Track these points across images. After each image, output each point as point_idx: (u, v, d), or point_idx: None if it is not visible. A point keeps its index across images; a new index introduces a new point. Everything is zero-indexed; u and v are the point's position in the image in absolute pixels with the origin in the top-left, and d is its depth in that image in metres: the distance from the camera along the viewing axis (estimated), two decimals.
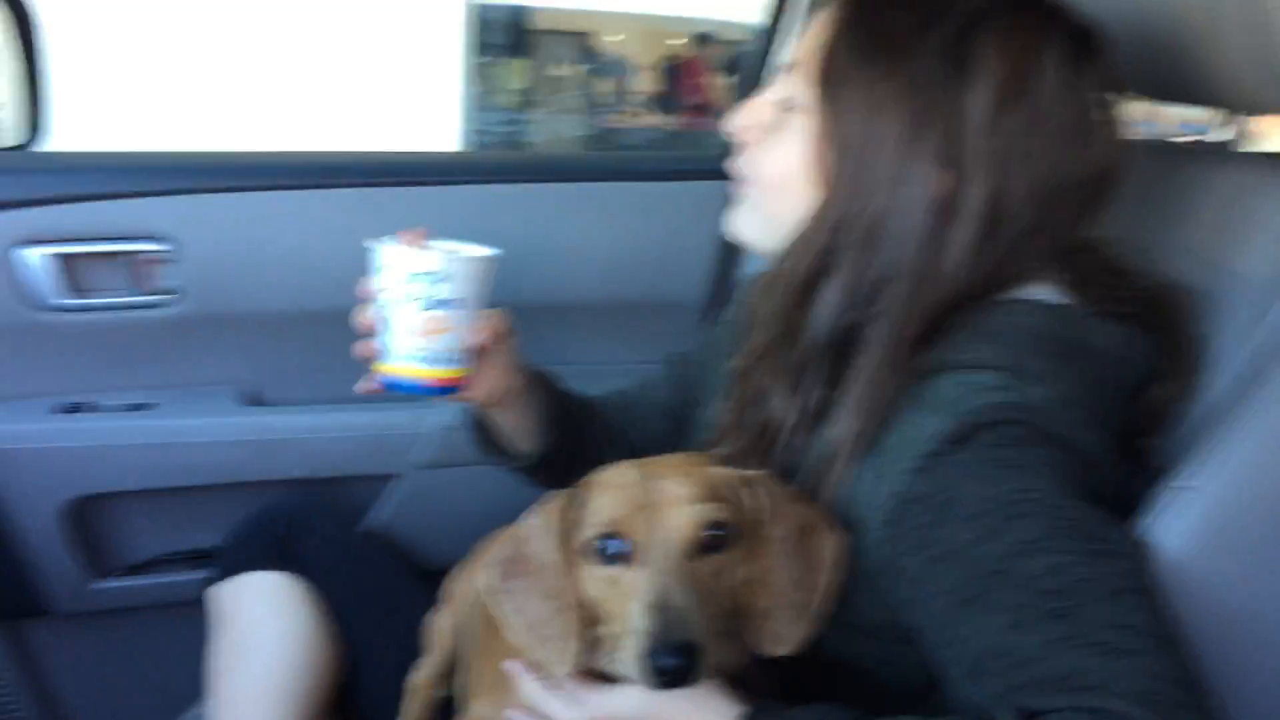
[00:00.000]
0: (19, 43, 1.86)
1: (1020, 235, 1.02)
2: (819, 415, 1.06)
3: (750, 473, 1.04)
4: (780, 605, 0.99)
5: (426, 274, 1.12)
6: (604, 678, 1.02)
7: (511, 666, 1.09)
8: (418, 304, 1.13)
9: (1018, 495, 0.90)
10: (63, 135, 2.04)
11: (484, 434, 1.38)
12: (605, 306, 1.96)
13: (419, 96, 8.76)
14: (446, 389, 1.18)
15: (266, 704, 1.40)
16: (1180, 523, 1.00)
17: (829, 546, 1.01)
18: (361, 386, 1.20)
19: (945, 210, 1.00)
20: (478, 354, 1.20)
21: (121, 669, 1.90)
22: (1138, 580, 0.89)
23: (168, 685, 1.75)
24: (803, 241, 1.06)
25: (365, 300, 1.19)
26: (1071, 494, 0.91)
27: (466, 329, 1.16)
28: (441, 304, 1.13)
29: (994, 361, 0.98)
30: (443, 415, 1.82)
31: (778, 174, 1.10)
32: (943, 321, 1.02)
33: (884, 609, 1.01)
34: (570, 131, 11.40)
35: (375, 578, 1.63)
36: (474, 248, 1.20)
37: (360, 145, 2.03)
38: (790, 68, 1.11)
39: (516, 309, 1.81)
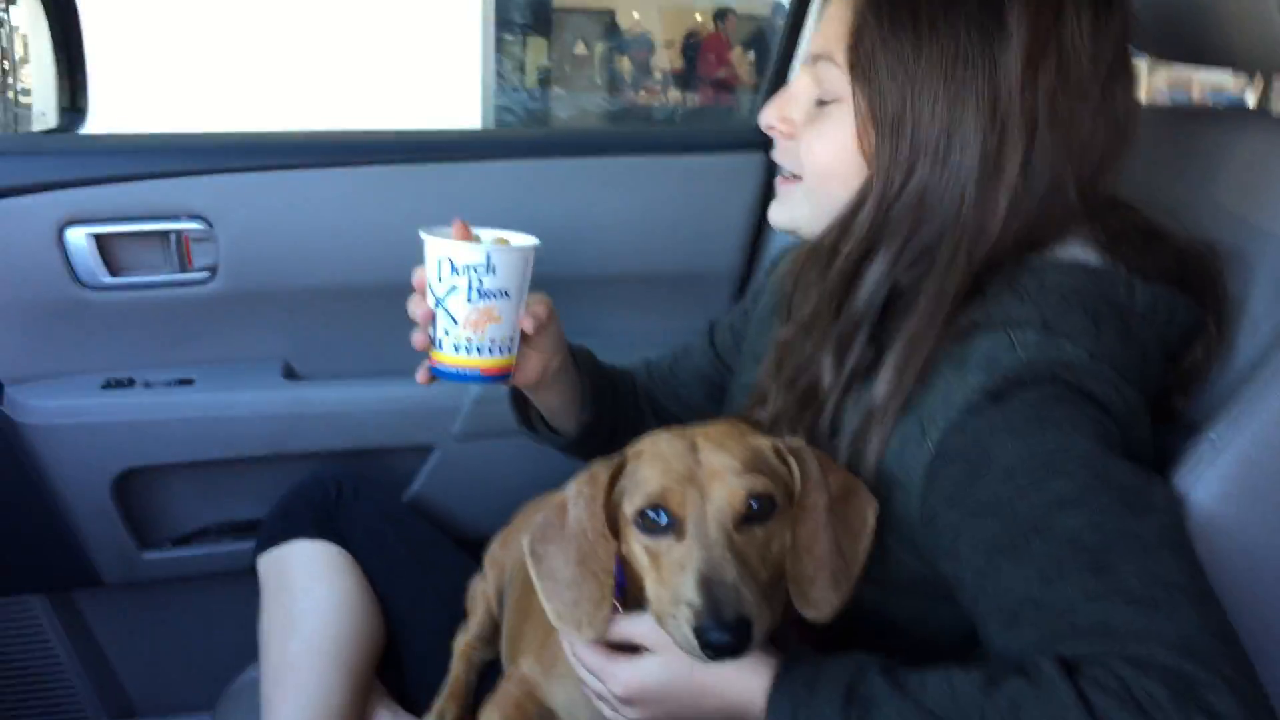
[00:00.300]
0: (59, 27, 1.90)
1: (1054, 190, 1.03)
2: (862, 377, 1.08)
3: (791, 441, 1.06)
4: (821, 571, 1.00)
5: (472, 266, 1.15)
6: (624, 648, 1.04)
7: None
8: (465, 295, 1.16)
9: (1056, 451, 0.92)
10: (100, 117, 2.09)
11: (526, 413, 1.41)
12: (639, 279, 1.99)
13: (441, 76, 8.78)
14: (497, 377, 1.21)
15: (316, 666, 1.44)
16: (1212, 476, 1.01)
17: (867, 512, 1.03)
18: (420, 377, 1.23)
19: (990, 171, 1.02)
20: (523, 340, 1.23)
21: (172, 636, 1.95)
22: (1175, 535, 0.90)
23: (217, 651, 1.79)
24: (853, 220, 1.08)
25: (419, 290, 1.22)
26: (1108, 450, 0.93)
27: (513, 318, 1.19)
28: (488, 295, 1.16)
29: (1030, 320, 1.00)
30: (479, 388, 1.85)
31: (827, 163, 1.12)
32: (982, 281, 1.04)
33: (922, 564, 1.03)
34: (593, 109, 11.39)
35: (416, 546, 1.67)
36: (518, 235, 1.23)
37: (385, 124, 2.06)
38: (818, 59, 1.12)
39: (553, 283, 1.84)
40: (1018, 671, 0.85)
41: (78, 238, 1.70)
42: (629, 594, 1.06)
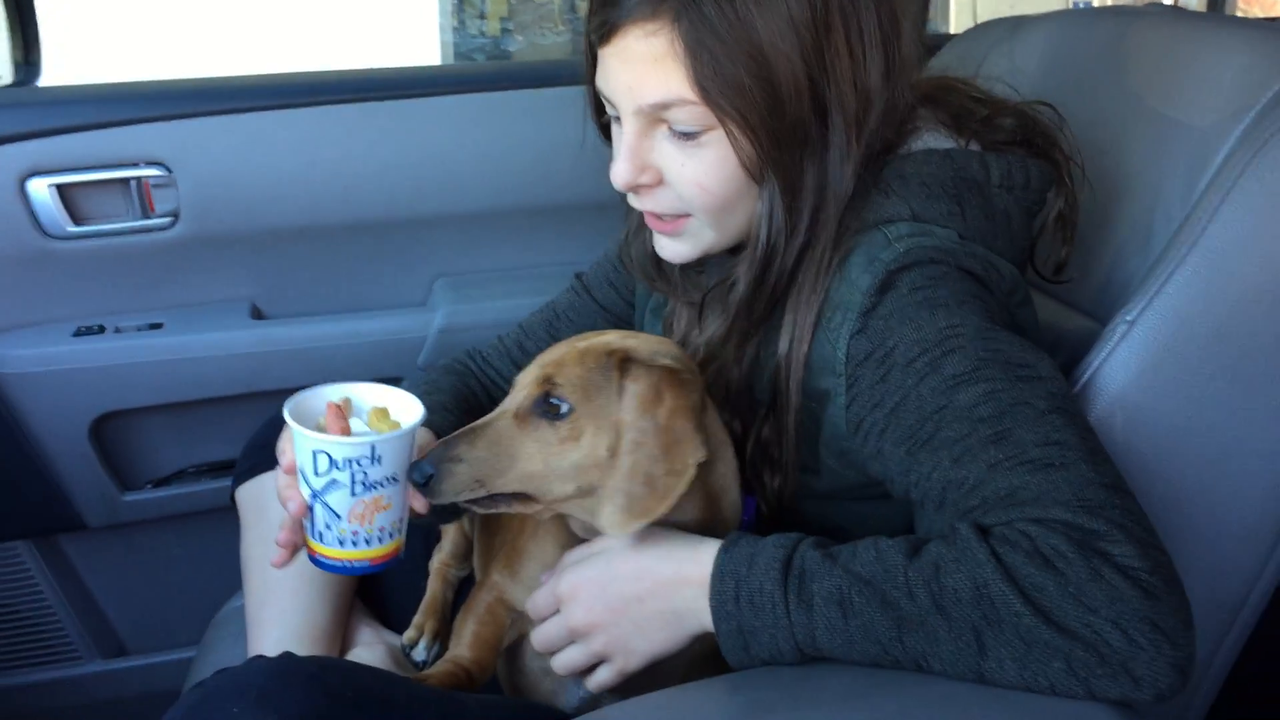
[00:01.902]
0: None
1: (890, 99, 1.06)
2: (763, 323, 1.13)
3: (654, 359, 1.04)
4: (618, 490, 1.00)
5: (354, 459, 1.01)
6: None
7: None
8: (349, 490, 1.03)
9: (946, 332, 0.96)
10: (52, 70, 2.10)
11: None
12: (572, 208, 2.00)
13: (398, 22, 8.69)
14: (388, 562, 1.09)
15: (298, 588, 1.47)
16: (1128, 355, 1.08)
17: (689, 458, 1.01)
18: (275, 560, 1.14)
19: (864, 114, 1.04)
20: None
21: (156, 576, 2.01)
22: (1062, 400, 0.94)
23: (200, 587, 1.84)
24: (768, 224, 1.08)
25: (286, 470, 1.09)
26: (994, 325, 0.98)
27: (402, 499, 1.07)
28: (374, 486, 1.03)
29: (900, 214, 1.05)
30: (442, 318, 1.91)
31: (723, 193, 1.07)
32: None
33: (855, 472, 1.08)
34: (554, 52, 11.28)
35: None
36: (394, 394, 1.11)
37: (344, 65, 2.08)
38: (663, 107, 1.04)
39: (491, 215, 1.82)
40: (938, 538, 0.91)
41: (40, 189, 1.73)
42: None
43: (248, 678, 0.96)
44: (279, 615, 1.48)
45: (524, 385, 1.04)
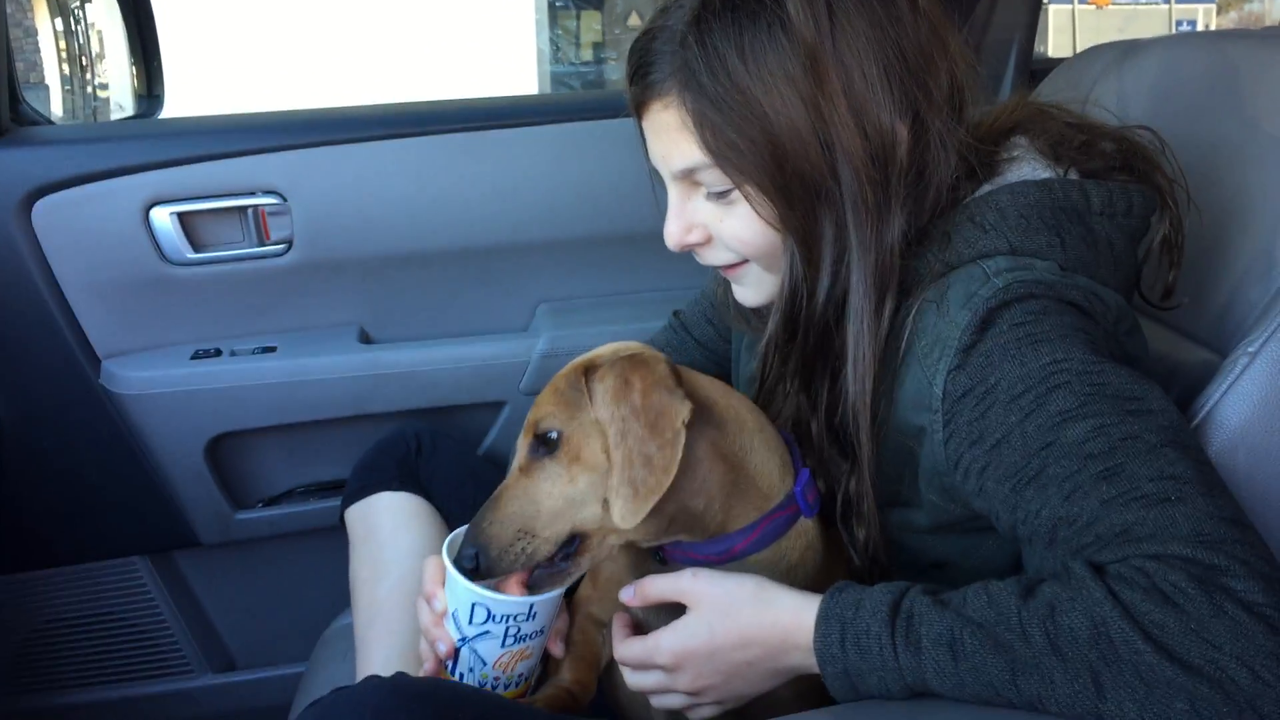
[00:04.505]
0: (133, 19, 1.99)
1: (920, 135, 1.05)
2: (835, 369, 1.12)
3: (615, 361, 1.05)
4: (621, 481, 1.00)
5: (512, 615, 1.08)
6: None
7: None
8: (500, 641, 1.09)
9: (1050, 365, 0.94)
10: (174, 102, 2.18)
11: None
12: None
13: (496, 49, 8.84)
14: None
15: (405, 607, 1.49)
16: (1249, 387, 1.04)
17: (676, 420, 1.01)
18: None
19: (879, 159, 1.04)
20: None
21: (266, 592, 2.06)
22: (1175, 433, 0.92)
23: (309, 604, 1.89)
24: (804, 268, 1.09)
25: (431, 606, 1.16)
26: (1100, 358, 0.95)
27: (541, 647, 1.14)
28: (524, 638, 1.10)
29: (997, 247, 1.03)
30: (545, 343, 1.93)
31: (765, 242, 1.10)
32: (930, 229, 1.07)
33: (960, 505, 1.06)
34: None
35: None
36: None
37: (444, 96, 2.12)
38: (689, 172, 1.09)
39: (592, 242, 1.86)
40: (1050, 578, 0.89)
41: (162, 217, 1.80)
42: None
43: (363, 696, 0.98)
44: (386, 634, 1.50)
45: (520, 444, 1.07)
